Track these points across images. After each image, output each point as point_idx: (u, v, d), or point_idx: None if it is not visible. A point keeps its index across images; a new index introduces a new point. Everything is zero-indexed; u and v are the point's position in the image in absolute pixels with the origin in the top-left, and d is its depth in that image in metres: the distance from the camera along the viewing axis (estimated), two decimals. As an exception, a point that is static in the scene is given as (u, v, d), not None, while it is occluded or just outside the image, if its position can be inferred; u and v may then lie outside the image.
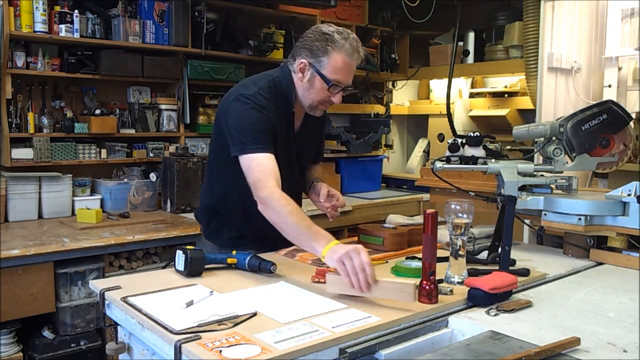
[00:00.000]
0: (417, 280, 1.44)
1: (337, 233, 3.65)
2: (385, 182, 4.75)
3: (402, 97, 5.11)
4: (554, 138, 1.90)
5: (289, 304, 1.43)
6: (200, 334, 1.21)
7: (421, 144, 4.98)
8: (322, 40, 1.81)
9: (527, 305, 1.45)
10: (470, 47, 4.44)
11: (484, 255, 1.87)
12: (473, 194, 2.01)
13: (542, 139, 1.91)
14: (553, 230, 1.96)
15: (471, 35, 4.44)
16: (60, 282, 2.61)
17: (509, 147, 3.63)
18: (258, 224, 1.83)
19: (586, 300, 1.52)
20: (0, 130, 2.97)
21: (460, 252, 1.59)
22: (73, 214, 3.14)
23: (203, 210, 2.16)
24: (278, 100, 1.91)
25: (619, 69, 3.33)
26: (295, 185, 2.07)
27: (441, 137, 4.70)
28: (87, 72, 3.16)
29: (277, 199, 1.69)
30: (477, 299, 1.45)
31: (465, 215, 1.56)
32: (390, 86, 4.90)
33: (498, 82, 4.62)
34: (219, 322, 1.28)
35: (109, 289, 1.53)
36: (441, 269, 1.56)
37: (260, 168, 1.76)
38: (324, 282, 1.60)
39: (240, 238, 2.02)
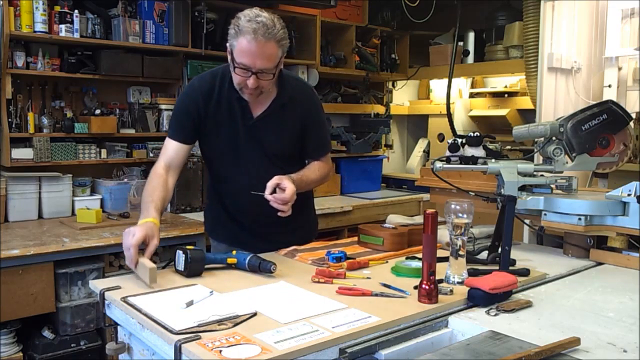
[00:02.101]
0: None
1: (337, 233, 3.66)
2: (385, 182, 4.75)
3: (402, 97, 5.11)
4: (554, 138, 1.90)
5: (289, 304, 1.43)
6: (200, 334, 1.21)
7: (421, 144, 4.99)
8: (234, 24, 1.85)
9: (527, 305, 1.45)
10: (470, 47, 4.44)
11: (484, 255, 1.87)
12: (473, 194, 2.01)
13: (542, 139, 1.91)
14: (553, 230, 1.96)
15: (471, 35, 4.44)
16: (60, 282, 2.61)
17: (509, 147, 3.65)
18: (231, 212, 2.14)
19: (586, 300, 1.52)
20: (0, 130, 2.97)
21: (460, 252, 1.59)
22: (73, 214, 3.14)
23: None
24: (222, 86, 2.01)
25: (619, 69, 3.33)
26: (263, 174, 1.99)
27: (441, 137, 4.70)
28: (87, 72, 3.16)
29: (150, 175, 1.98)
30: (477, 299, 1.45)
31: (465, 215, 1.56)
32: (390, 86, 4.89)
33: (498, 82, 4.62)
34: (219, 322, 1.28)
35: (109, 289, 1.53)
36: (441, 269, 1.56)
37: (162, 150, 2.06)
38: (324, 282, 1.60)
39: (217, 224, 2.24)
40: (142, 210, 1.85)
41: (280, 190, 1.86)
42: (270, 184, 1.87)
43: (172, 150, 2.03)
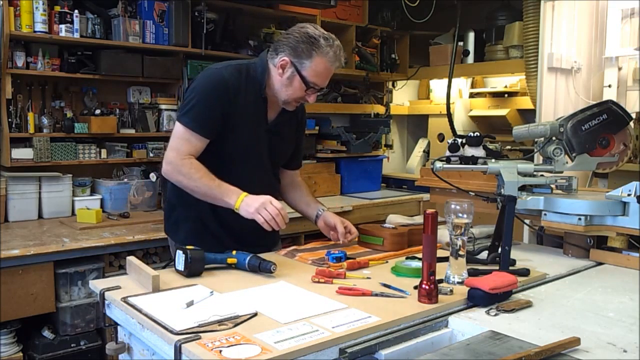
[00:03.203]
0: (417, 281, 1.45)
1: (337, 233, 3.65)
2: (385, 182, 4.74)
3: (402, 97, 5.11)
4: (554, 138, 1.90)
5: (289, 304, 1.43)
6: (200, 334, 1.21)
7: (421, 144, 4.98)
8: (308, 43, 1.84)
9: (527, 305, 1.45)
10: (470, 47, 4.44)
11: (484, 255, 1.87)
12: (473, 194, 2.01)
13: (542, 139, 1.91)
14: (553, 230, 1.96)
15: (471, 35, 4.43)
16: (60, 282, 2.61)
17: (509, 147, 3.64)
18: (222, 218, 1.96)
19: (586, 300, 1.52)
20: (0, 130, 2.97)
21: (460, 252, 1.59)
22: (73, 214, 3.14)
23: (167, 204, 2.17)
24: (247, 83, 1.94)
25: (619, 69, 3.33)
26: (265, 181, 2.04)
27: (441, 137, 4.70)
28: (87, 72, 3.16)
29: (188, 165, 1.85)
30: (477, 299, 1.45)
31: (465, 215, 1.56)
32: (390, 86, 4.89)
33: (498, 82, 4.62)
34: (220, 322, 1.28)
35: (109, 289, 1.53)
36: (441, 269, 1.56)
37: (182, 142, 1.88)
38: (324, 282, 1.60)
39: (200, 234, 1.99)
40: (224, 190, 1.83)
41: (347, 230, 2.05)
42: (342, 231, 2.03)
43: (199, 144, 1.88)
